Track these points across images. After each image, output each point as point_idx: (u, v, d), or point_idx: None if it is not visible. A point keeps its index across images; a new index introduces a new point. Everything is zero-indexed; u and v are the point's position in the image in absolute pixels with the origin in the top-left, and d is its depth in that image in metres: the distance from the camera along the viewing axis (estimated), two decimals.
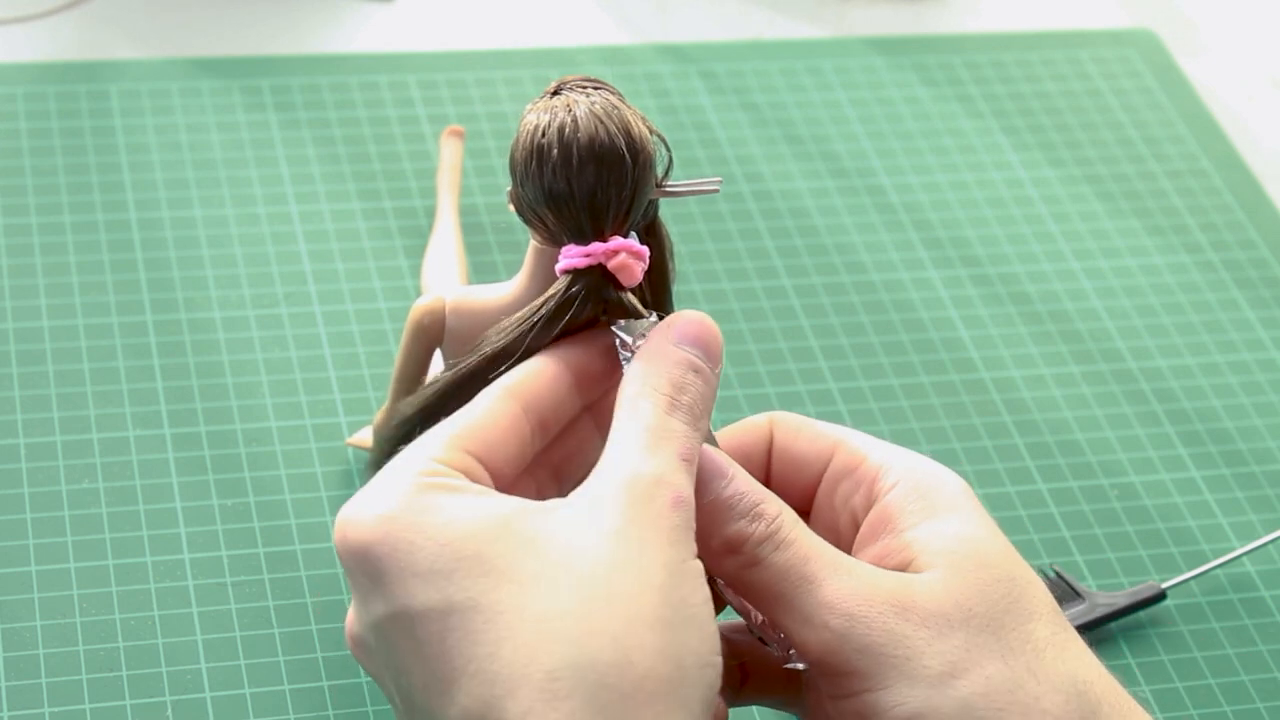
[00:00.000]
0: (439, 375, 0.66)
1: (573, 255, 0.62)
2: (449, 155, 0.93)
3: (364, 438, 0.81)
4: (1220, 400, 0.90)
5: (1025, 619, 0.60)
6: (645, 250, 0.63)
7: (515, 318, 0.64)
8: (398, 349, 0.73)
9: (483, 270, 0.90)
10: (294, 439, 0.82)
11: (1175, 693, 0.77)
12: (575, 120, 0.62)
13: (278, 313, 0.88)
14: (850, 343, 0.90)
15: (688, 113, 1.01)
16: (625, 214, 0.62)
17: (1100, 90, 1.07)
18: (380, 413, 0.78)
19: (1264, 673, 0.78)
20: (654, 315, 0.63)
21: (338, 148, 0.97)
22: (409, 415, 0.65)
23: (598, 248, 0.62)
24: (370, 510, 0.58)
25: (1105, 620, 0.79)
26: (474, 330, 0.67)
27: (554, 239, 0.63)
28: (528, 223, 0.64)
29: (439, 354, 0.72)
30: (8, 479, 0.79)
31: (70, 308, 0.87)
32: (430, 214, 0.93)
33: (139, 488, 0.80)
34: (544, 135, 0.62)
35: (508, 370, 0.62)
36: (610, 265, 0.62)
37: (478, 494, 0.58)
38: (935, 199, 0.99)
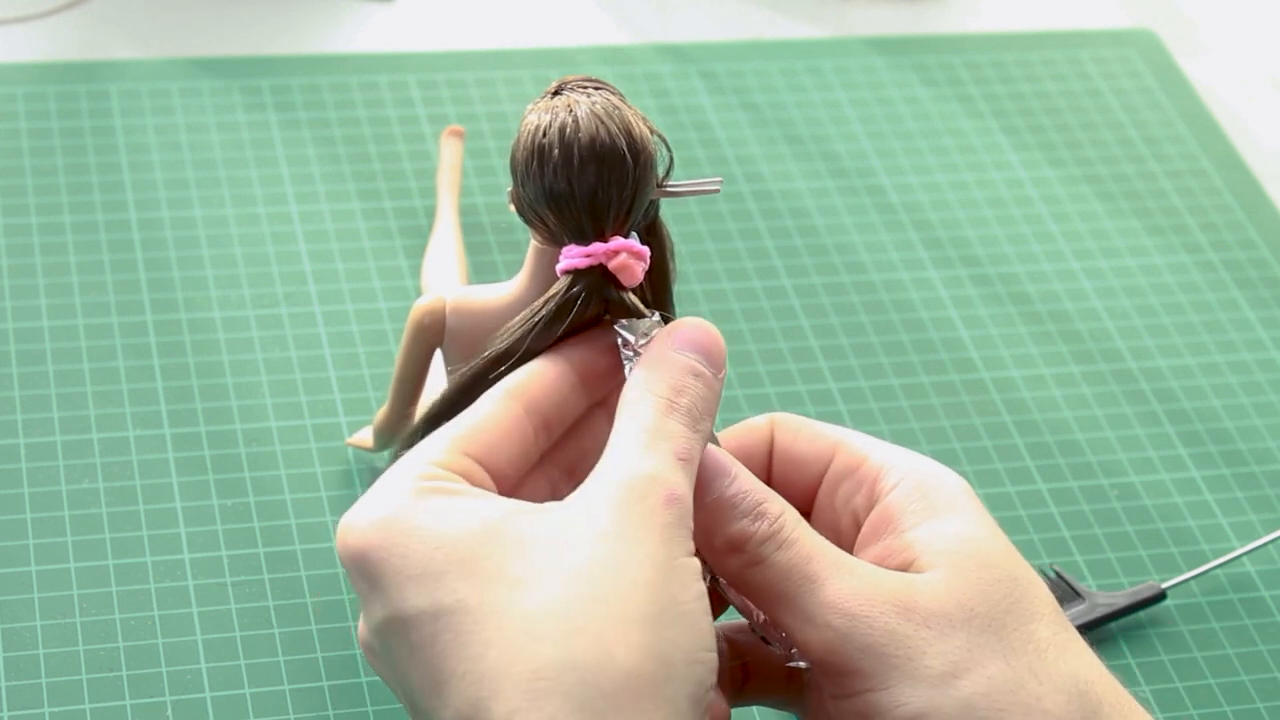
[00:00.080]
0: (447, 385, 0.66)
1: (573, 255, 0.62)
2: (449, 155, 0.93)
3: (364, 438, 0.81)
4: (1220, 400, 0.90)
5: (1027, 619, 0.60)
6: (646, 250, 0.63)
7: (516, 319, 0.64)
8: (398, 349, 0.73)
9: (483, 270, 0.90)
10: (294, 439, 0.82)
11: (1175, 693, 0.77)
12: (576, 120, 0.62)
13: (278, 313, 0.88)
14: (850, 343, 0.90)
15: (688, 113, 1.01)
16: (626, 214, 0.62)
17: (1100, 90, 1.07)
18: (381, 413, 0.78)
19: (1264, 673, 0.78)
20: (656, 315, 0.63)
21: (338, 148, 0.97)
22: (418, 426, 0.65)
23: (598, 248, 0.62)
24: (367, 516, 0.58)
25: (1105, 620, 0.79)
26: (474, 330, 0.67)
27: (555, 239, 0.63)
28: (528, 223, 0.64)
29: (440, 354, 0.72)
30: (8, 479, 0.79)
31: (70, 308, 0.87)
32: (430, 214, 0.93)
33: (139, 488, 0.80)
34: (545, 135, 0.62)
35: (509, 371, 0.62)
36: (611, 265, 0.62)
37: (475, 497, 0.58)
38: (935, 199, 0.99)
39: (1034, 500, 0.84)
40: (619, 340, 0.63)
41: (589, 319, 0.63)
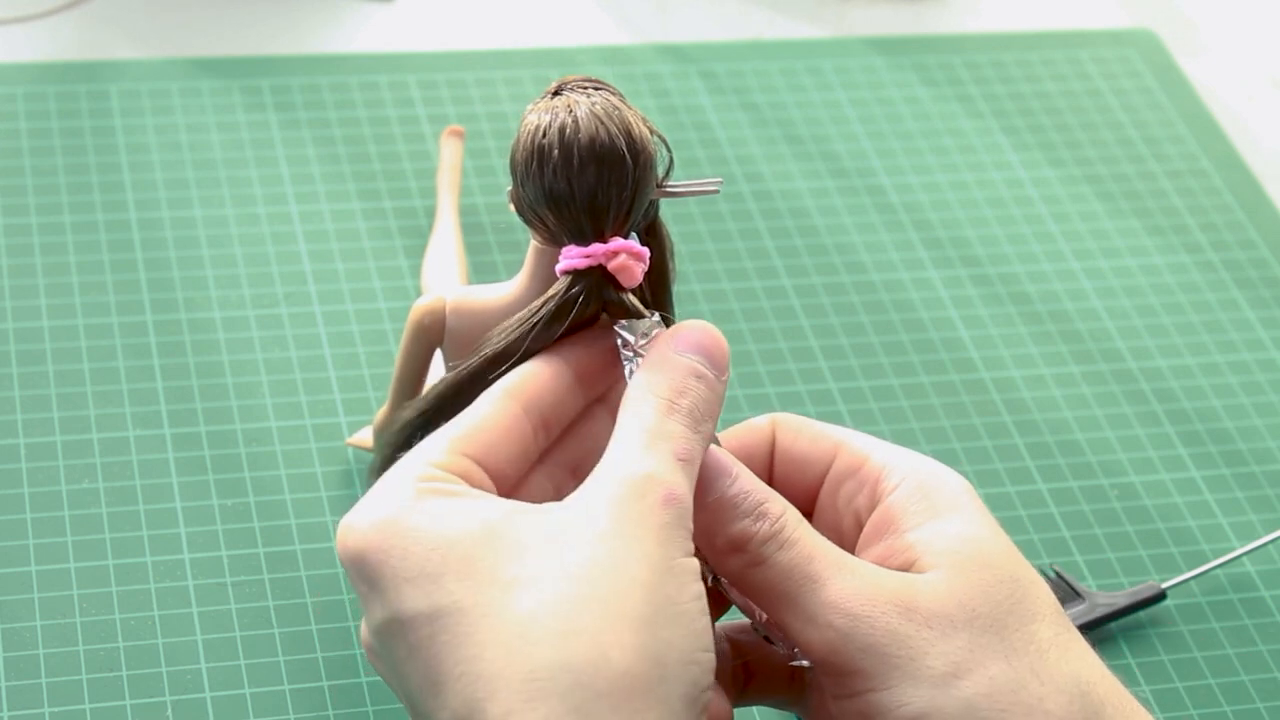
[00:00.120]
0: (441, 378, 0.66)
1: (573, 256, 0.62)
2: (449, 155, 0.93)
3: (364, 438, 0.81)
4: (1220, 400, 0.90)
5: (1029, 619, 0.60)
6: (645, 251, 0.63)
7: (515, 319, 0.64)
8: (398, 349, 0.73)
9: (483, 270, 0.90)
10: (294, 439, 0.82)
11: (1175, 693, 0.77)
12: (576, 121, 0.62)
13: (278, 313, 0.88)
14: (850, 343, 0.90)
15: (688, 113, 1.01)
16: (626, 215, 0.62)
17: (1100, 90, 1.07)
18: (381, 413, 0.78)
19: (1264, 673, 0.78)
20: (656, 315, 0.63)
21: (338, 148, 0.97)
22: (410, 419, 0.65)
23: (598, 248, 0.62)
24: (366, 517, 0.59)
25: (1105, 620, 0.79)
26: (474, 330, 0.67)
27: (554, 239, 0.63)
28: (528, 223, 0.64)
29: (439, 354, 0.72)
30: (8, 479, 0.79)
31: (70, 308, 0.87)
32: (430, 214, 0.93)
33: (139, 488, 0.80)
34: (545, 136, 0.62)
35: (508, 370, 0.62)
36: (610, 266, 0.62)
37: (473, 498, 0.58)
38: (935, 199, 0.99)
39: (1034, 500, 0.84)
40: (619, 341, 0.63)
41: (588, 319, 0.63)
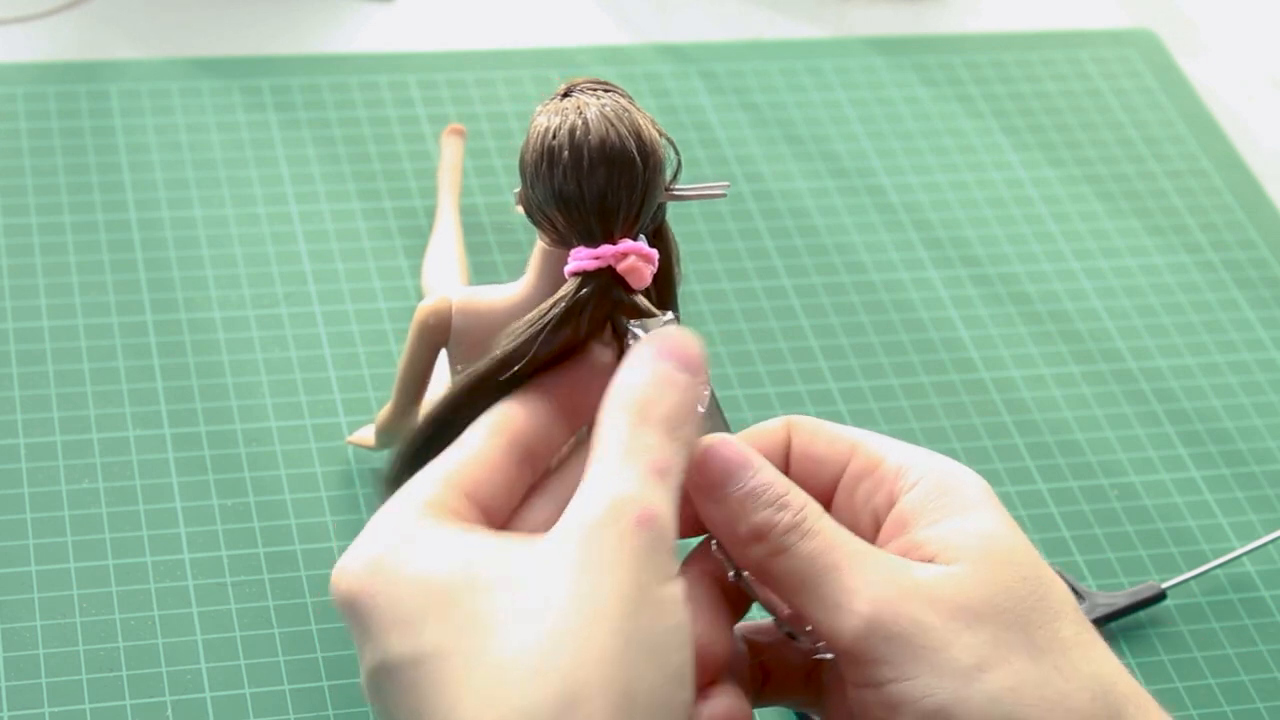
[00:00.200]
0: (452, 381, 0.65)
1: (582, 257, 0.62)
2: (449, 154, 0.93)
3: (365, 436, 0.81)
4: (1220, 400, 0.90)
5: (1051, 617, 0.60)
6: (654, 253, 0.62)
7: (524, 320, 0.63)
8: (401, 349, 0.73)
9: (483, 270, 0.90)
10: (294, 439, 0.82)
11: (1175, 693, 0.77)
12: (586, 122, 0.62)
13: (278, 313, 0.88)
14: (850, 343, 0.90)
15: (688, 113, 1.01)
16: (635, 217, 0.62)
17: (1100, 90, 1.07)
18: (382, 412, 0.78)
19: (1264, 673, 0.78)
20: (669, 314, 0.63)
21: (338, 148, 0.97)
22: (421, 426, 0.65)
23: (607, 250, 0.62)
24: (356, 560, 0.58)
25: (1105, 620, 0.79)
26: (480, 331, 0.67)
27: (563, 241, 0.63)
28: (537, 224, 0.64)
29: (444, 355, 0.72)
30: (8, 479, 0.79)
31: (70, 308, 0.87)
32: (430, 214, 0.93)
33: (139, 488, 0.80)
34: (554, 137, 0.62)
35: (519, 374, 0.62)
36: (620, 268, 0.62)
37: (461, 536, 0.58)
38: (935, 199, 0.99)
39: (1034, 500, 0.84)
40: (630, 339, 0.63)
41: (597, 321, 0.63)
